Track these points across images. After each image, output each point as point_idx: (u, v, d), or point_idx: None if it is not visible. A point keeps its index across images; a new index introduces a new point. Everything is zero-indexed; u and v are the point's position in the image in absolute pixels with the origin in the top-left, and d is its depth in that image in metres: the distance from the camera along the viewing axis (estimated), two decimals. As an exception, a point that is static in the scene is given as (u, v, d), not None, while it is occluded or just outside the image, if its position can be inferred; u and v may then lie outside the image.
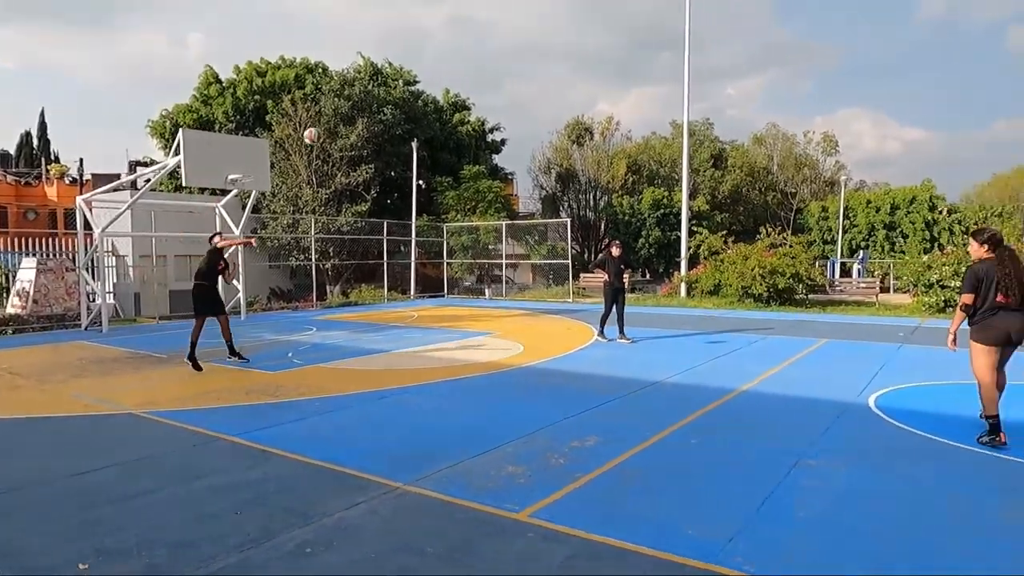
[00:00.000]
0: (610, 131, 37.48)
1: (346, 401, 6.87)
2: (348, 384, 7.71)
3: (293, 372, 8.56)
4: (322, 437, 5.55)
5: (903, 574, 3.14)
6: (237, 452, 5.14)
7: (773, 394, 7.11)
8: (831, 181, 43.95)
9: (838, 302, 19.79)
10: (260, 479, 4.52)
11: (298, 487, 4.36)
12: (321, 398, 7.00)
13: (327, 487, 4.34)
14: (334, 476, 4.56)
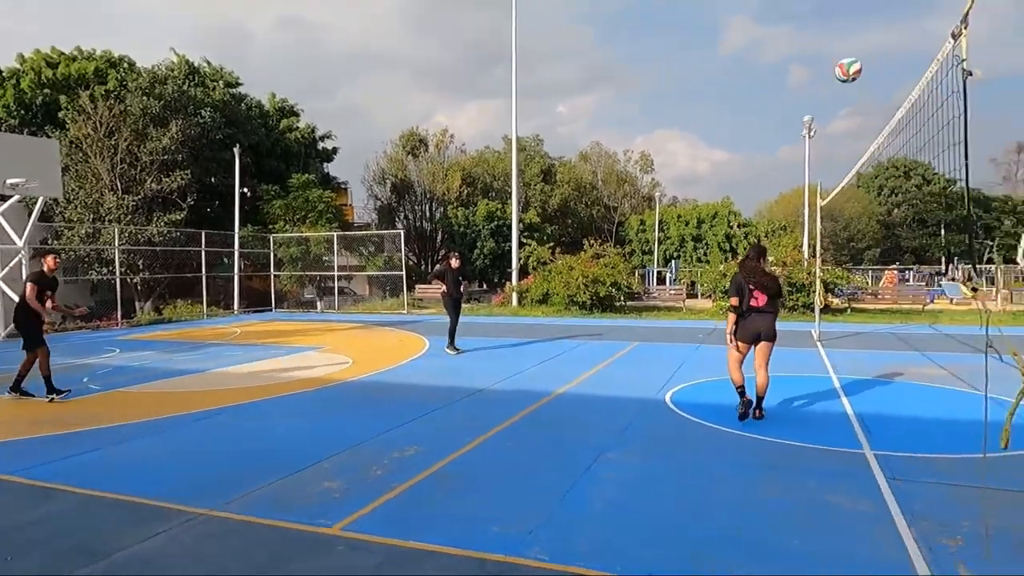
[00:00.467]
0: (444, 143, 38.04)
1: (149, 427, 6.37)
2: (154, 409, 7.14)
3: (89, 399, 7.76)
4: (118, 468, 5.12)
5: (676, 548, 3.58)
6: (13, 492, 4.59)
7: (586, 395, 7.68)
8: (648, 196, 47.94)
9: (652, 308, 21.65)
10: (40, 519, 4.08)
11: (87, 524, 4.00)
12: (120, 425, 6.42)
13: (121, 521, 4.03)
14: (130, 508, 4.24)
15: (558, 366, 9.85)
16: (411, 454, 5.32)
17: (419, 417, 6.59)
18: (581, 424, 6.36)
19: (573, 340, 13.14)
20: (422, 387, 8.32)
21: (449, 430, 6.10)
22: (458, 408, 7.08)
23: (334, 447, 5.51)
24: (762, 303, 6.15)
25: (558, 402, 7.33)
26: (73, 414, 6.91)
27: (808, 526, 3.84)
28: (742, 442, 5.64)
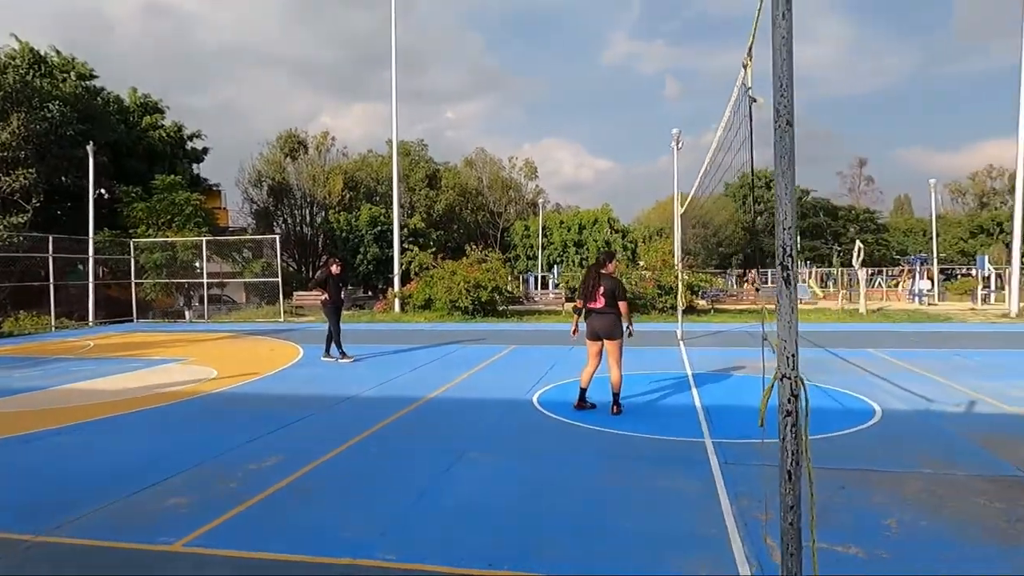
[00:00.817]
0: (326, 146, 37.02)
1: (-27, 451, 5.80)
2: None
3: (-101, 423, 6.92)
4: (-71, 497, 4.64)
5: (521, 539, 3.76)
6: None
7: (456, 399, 7.80)
8: (533, 203, 48.97)
9: (534, 311, 22.19)
10: None
11: None
12: (-63, 451, 5.80)
13: (-74, 554, 3.67)
14: (-61, 540, 3.86)
15: (433, 371, 9.91)
16: (269, 465, 5.20)
17: (282, 427, 6.44)
18: (447, 427, 6.47)
19: (452, 345, 13.24)
20: (290, 397, 8.11)
21: (312, 439, 6.01)
22: (325, 417, 6.98)
23: (186, 462, 5.28)
24: (600, 304, 6.58)
25: (427, 407, 7.40)
26: None
27: (642, 509, 4.16)
28: (597, 437, 5.97)
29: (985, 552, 3.47)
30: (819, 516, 3.96)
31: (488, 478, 4.83)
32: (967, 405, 6.97)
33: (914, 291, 25.93)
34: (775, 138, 2.05)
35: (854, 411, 6.78)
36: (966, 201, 65.12)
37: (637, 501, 4.32)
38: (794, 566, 1.99)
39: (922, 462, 5.00)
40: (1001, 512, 3.99)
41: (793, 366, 1.97)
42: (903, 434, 5.88)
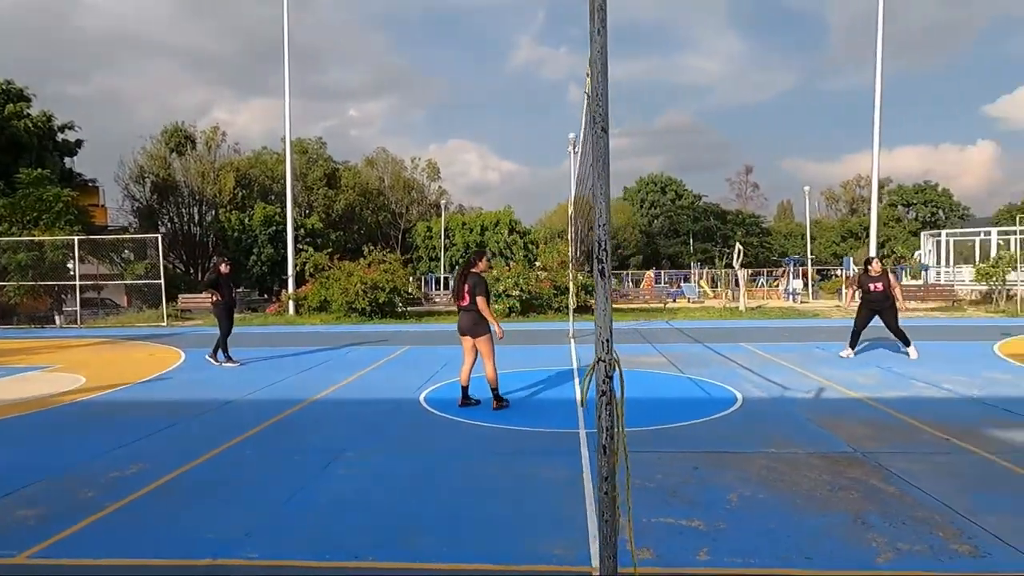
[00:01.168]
0: (216, 141, 35.35)
1: None
2: None
3: None
4: None
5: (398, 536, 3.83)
6: None
7: (342, 399, 7.74)
8: (436, 204, 48.84)
9: (434, 312, 22.18)
10: None
11: None
12: None
13: None
14: None
15: (321, 373, 9.75)
16: (133, 472, 4.98)
17: (153, 434, 6.17)
18: (329, 427, 6.42)
19: (346, 347, 13.05)
20: (166, 403, 7.75)
21: (184, 445, 5.80)
22: (201, 421, 6.74)
23: (40, 473, 4.97)
24: (467, 302, 6.81)
25: (311, 408, 7.30)
26: None
27: (512, 497, 4.34)
28: (479, 432, 6.12)
29: (804, 516, 3.89)
30: (671, 495, 4.30)
31: (364, 475, 4.86)
32: (817, 392, 7.67)
33: (788, 290, 27.97)
34: (591, 143, 2.25)
35: (719, 400, 7.30)
36: (839, 207, 70.78)
37: (508, 490, 4.50)
38: (609, 531, 2.19)
39: (770, 443, 5.48)
40: (826, 483, 4.46)
41: (608, 350, 2.17)
42: (758, 419, 6.41)
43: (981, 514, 3.85)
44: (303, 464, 5.13)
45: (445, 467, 5.05)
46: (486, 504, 4.23)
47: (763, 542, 3.55)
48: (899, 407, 6.72)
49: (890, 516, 3.87)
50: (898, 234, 52.95)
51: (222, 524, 3.94)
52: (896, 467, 4.77)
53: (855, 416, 6.43)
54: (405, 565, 3.38)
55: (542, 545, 3.58)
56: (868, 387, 7.84)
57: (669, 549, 3.49)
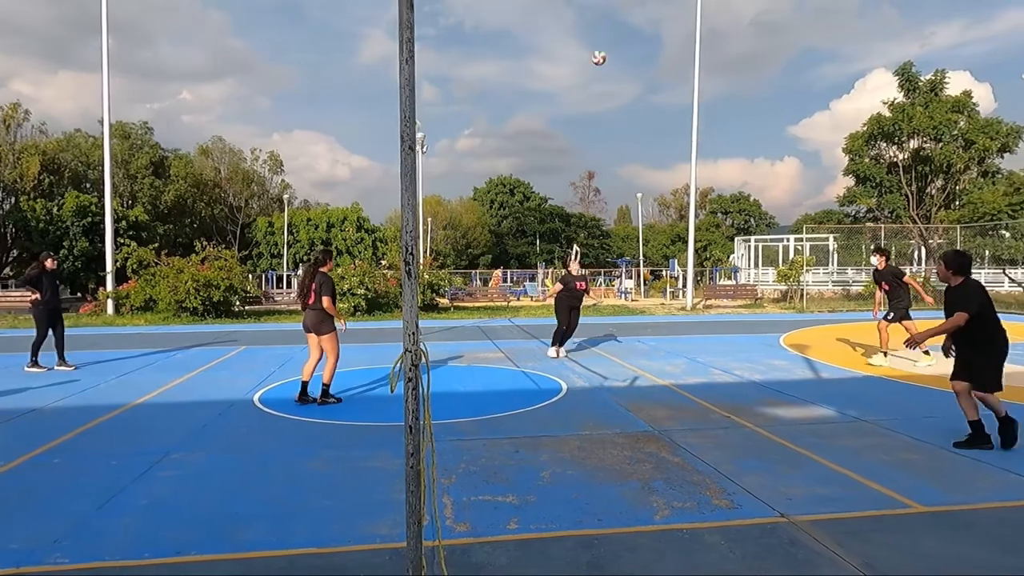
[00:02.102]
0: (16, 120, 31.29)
1: None
2: None
3: None
4: None
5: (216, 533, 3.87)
6: None
7: (167, 403, 7.40)
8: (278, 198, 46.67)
9: (274, 312, 21.34)
10: None
11: None
12: None
13: None
14: None
15: (146, 375, 9.19)
16: (-86, 488, 4.53)
17: (-62, 446, 5.57)
18: (152, 431, 6.17)
19: (173, 349, 12.30)
20: (-47, 413, 6.96)
21: (-22, 455, 5.32)
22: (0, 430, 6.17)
23: None
24: (312, 301, 6.94)
25: (132, 412, 6.93)
26: None
27: (341, 487, 4.52)
28: (313, 428, 6.20)
29: (603, 486, 4.47)
30: (491, 476, 4.71)
31: (190, 475, 4.80)
32: (631, 380, 8.55)
33: (621, 289, 30.16)
34: (401, 159, 2.54)
35: (546, 390, 7.92)
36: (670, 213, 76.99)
37: (340, 481, 4.67)
38: (415, 502, 2.50)
39: (584, 426, 6.11)
40: (626, 458, 5.12)
41: (415, 342, 2.48)
42: (577, 406, 7.07)
43: (742, 475, 4.65)
44: (121, 469, 4.94)
45: (276, 463, 5.11)
46: (316, 495, 4.38)
47: (565, 510, 4.05)
48: (695, 391, 7.72)
49: (671, 481, 4.56)
50: (717, 239, 58.71)
51: (26, 533, 3.76)
52: (684, 441, 5.55)
53: (659, 400, 7.30)
54: (230, 556, 3.47)
55: (368, 527, 3.82)
56: (673, 375, 8.88)
57: (483, 522, 3.88)
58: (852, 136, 35.47)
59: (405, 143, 2.50)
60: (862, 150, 35.13)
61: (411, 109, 2.51)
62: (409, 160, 2.50)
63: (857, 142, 35.04)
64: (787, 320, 18.00)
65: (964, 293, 5.12)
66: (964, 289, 5.15)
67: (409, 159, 2.50)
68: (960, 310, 5.05)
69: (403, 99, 2.51)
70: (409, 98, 2.51)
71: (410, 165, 2.51)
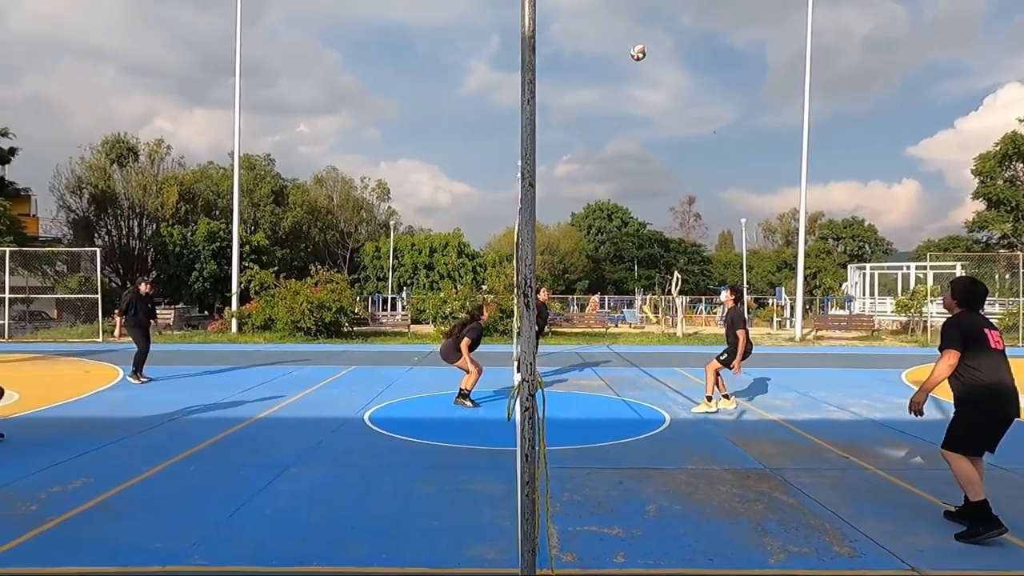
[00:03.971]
0: (160, 154, 34.62)
1: None
2: None
3: None
4: None
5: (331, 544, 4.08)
6: None
7: (286, 418, 7.88)
8: (385, 224, 48.75)
9: (380, 333, 22.24)
10: None
11: None
12: None
13: None
14: None
15: (265, 392, 9.82)
16: (75, 487, 5.06)
17: (93, 450, 6.21)
18: (273, 445, 6.58)
19: (290, 366, 13.08)
20: (104, 420, 7.73)
21: (125, 460, 5.87)
22: (142, 438, 6.79)
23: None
24: (453, 336, 8.61)
25: (256, 426, 7.42)
26: None
27: (447, 509, 4.64)
28: (420, 449, 6.40)
29: (712, 524, 4.33)
30: (596, 507, 4.68)
31: (307, 489, 5.08)
32: (738, 413, 8.24)
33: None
34: (521, 194, 2.64)
35: (648, 420, 7.78)
36: (775, 239, 73.83)
37: (446, 503, 4.80)
38: (529, 528, 2.54)
39: (689, 460, 5.95)
40: (735, 495, 4.94)
41: (532, 372, 2.55)
42: (682, 438, 6.89)
43: (862, 520, 4.37)
44: (247, 479, 5.30)
45: (384, 481, 5.31)
46: (424, 515, 4.52)
47: (673, 547, 3.96)
48: (807, 428, 7.33)
49: (786, 523, 4.35)
50: (828, 266, 55.61)
51: (168, 536, 4.10)
52: (798, 481, 5.29)
53: (768, 435, 6.99)
54: (345, 569, 3.65)
55: (475, 550, 3.89)
56: (783, 409, 8.47)
57: (589, 553, 3.86)
58: (983, 156, 32.81)
59: (526, 179, 2.60)
60: (994, 171, 32.41)
61: (532, 147, 2.61)
62: (529, 196, 2.59)
63: (989, 163, 32.37)
64: (909, 354, 16.75)
65: (945, 327, 4.27)
66: (946, 323, 4.29)
67: (529, 195, 2.59)
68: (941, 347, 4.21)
69: (524, 137, 2.62)
70: (530, 136, 2.60)
71: (530, 201, 2.60)
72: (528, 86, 2.62)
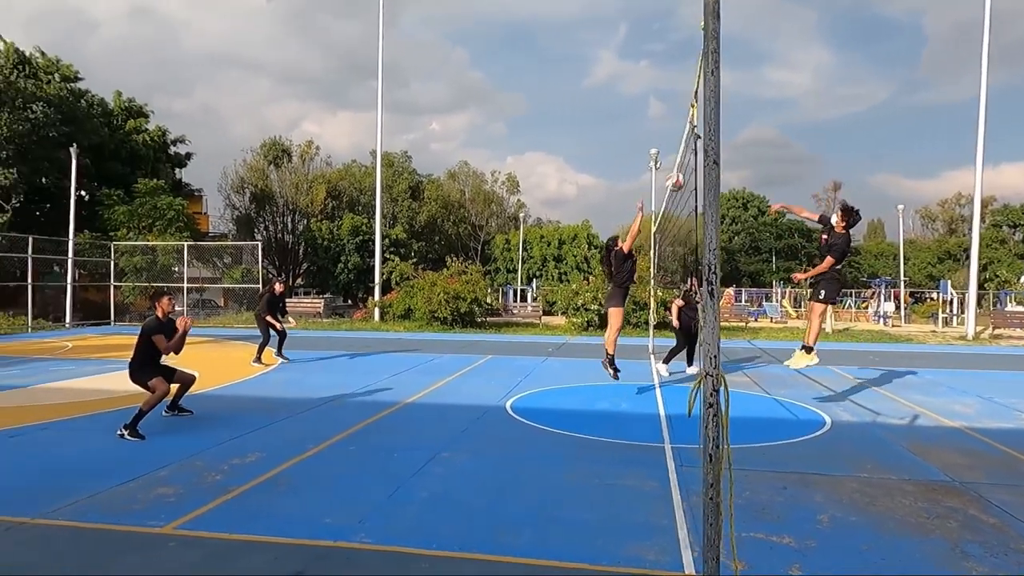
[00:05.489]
0: (310, 155, 37.22)
1: (-38, 443, 6.00)
2: (-33, 424, 6.68)
3: None
4: (-76, 483, 4.85)
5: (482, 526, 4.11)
6: None
7: (431, 404, 8.12)
8: (514, 216, 49.33)
9: (512, 324, 22.55)
10: None
11: None
12: (-74, 442, 5.99)
13: (-72, 533, 3.92)
14: (-61, 521, 4.10)
15: (410, 378, 10.21)
16: (252, 460, 5.48)
17: (263, 427, 6.71)
18: (422, 429, 6.79)
19: (429, 354, 13.55)
20: (269, 399, 8.37)
21: (292, 437, 6.29)
22: (304, 417, 7.26)
23: (171, 457, 5.54)
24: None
25: (404, 411, 7.71)
26: None
27: (598, 503, 4.52)
28: (564, 440, 6.33)
29: (897, 541, 3.89)
30: (760, 512, 4.37)
31: (459, 474, 5.16)
32: (910, 419, 7.45)
33: (879, 313, 26.75)
34: (704, 175, 2.45)
35: (806, 422, 7.22)
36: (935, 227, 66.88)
37: (596, 497, 4.68)
38: (712, 534, 2.36)
39: (860, 468, 5.43)
40: (922, 510, 4.42)
41: (716, 366, 2.36)
42: (847, 443, 6.32)
43: (1090, 550, 3.74)
44: (401, 462, 5.49)
45: (532, 471, 5.29)
46: (576, 507, 4.43)
47: (855, 562, 3.59)
48: (998, 438, 6.47)
49: (990, 547, 3.82)
50: (1002, 257, 49.52)
51: (336, 511, 4.31)
52: (996, 498, 4.65)
53: (951, 444, 6.24)
54: (506, 559, 3.63)
55: (635, 549, 3.75)
56: (966, 416, 7.55)
57: (761, 562, 3.59)
58: None
59: (709, 157, 2.40)
60: None
61: (716, 121, 2.41)
62: (713, 175, 2.39)
63: None
64: (1116, 358, 14.45)
65: None
66: None
67: (713, 174, 2.39)
68: None
69: (708, 111, 2.42)
70: (714, 110, 2.40)
71: (714, 180, 2.40)
72: (712, 55, 2.42)
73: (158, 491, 4.69)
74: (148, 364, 6.69)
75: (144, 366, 6.67)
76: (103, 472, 5.09)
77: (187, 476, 5.05)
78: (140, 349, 6.68)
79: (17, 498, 4.51)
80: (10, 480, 4.96)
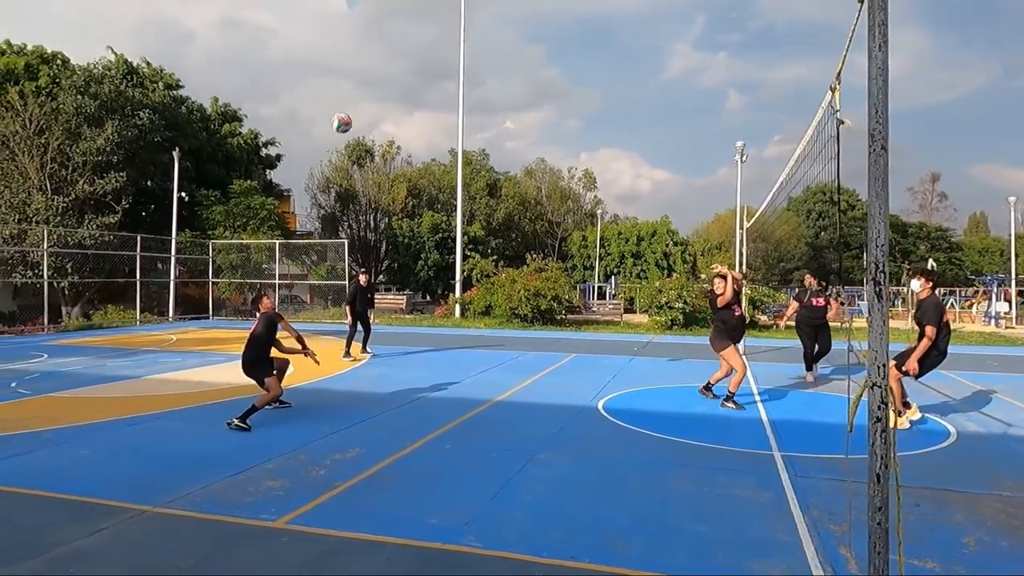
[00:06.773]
0: (391, 155, 38.02)
1: (85, 431, 6.36)
2: (88, 413, 7.10)
3: (17, 403, 7.62)
4: (55, 469, 5.15)
5: (590, 533, 3.95)
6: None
7: (522, 403, 8.02)
8: (591, 213, 48.76)
9: (592, 321, 22.25)
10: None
11: (22, 522, 4.07)
12: (54, 429, 6.38)
13: (61, 517, 4.12)
14: (70, 506, 4.32)
15: (497, 375, 10.17)
16: (353, 456, 5.53)
17: (360, 422, 6.80)
18: (516, 428, 6.69)
19: (513, 351, 13.49)
20: (363, 394, 8.50)
21: (389, 434, 6.32)
22: (399, 413, 7.31)
23: (276, 450, 5.66)
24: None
25: (495, 409, 7.64)
26: (4, 418, 6.80)
27: (711, 514, 4.27)
28: (664, 444, 6.09)
29: (1068, 574, 3.46)
30: (893, 531, 4.00)
31: (560, 478, 5.02)
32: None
33: (990, 313, 24.81)
34: (870, 161, 2.19)
35: (929, 432, 6.67)
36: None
37: (706, 506, 4.44)
38: (880, 564, 2.11)
39: (1000, 485, 4.93)
40: (1085, 537, 3.94)
41: (884, 375, 2.11)
42: (979, 456, 5.78)
43: None
44: (500, 462, 5.40)
45: (635, 476, 5.08)
46: (688, 517, 4.20)
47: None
48: None
49: None
50: None
51: (441, 512, 4.26)
52: None
53: (1107, 463, 5.60)
54: (621, 571, 3.46)
55: (757, 566, 3.50)
56: (1118, 431, 6.78)
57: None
58: None
59: (876, 142, 2.15)
60: None
61: (884, 103, 2.15)
62: (881, 162, 2.14)
63: None
64: None
65: None
66: None
67: (881, 161, 2.14)
68: None
69: (874, 92, 2.17)
70: (882, 90, 2.15)
71: (882, 168, 2.14)
72: (879, 28, 2.17)
73: (267, 484, 4.78)
74: (264, 360, 6.90)
75: (261, 362, 6.89)
76: (214, 463, 5.26)
77: (293, 470, 5.14)
78: (258, 343, 6.88)
79: (139, 486, 4.70)
80: (132, 469, 5.19)
